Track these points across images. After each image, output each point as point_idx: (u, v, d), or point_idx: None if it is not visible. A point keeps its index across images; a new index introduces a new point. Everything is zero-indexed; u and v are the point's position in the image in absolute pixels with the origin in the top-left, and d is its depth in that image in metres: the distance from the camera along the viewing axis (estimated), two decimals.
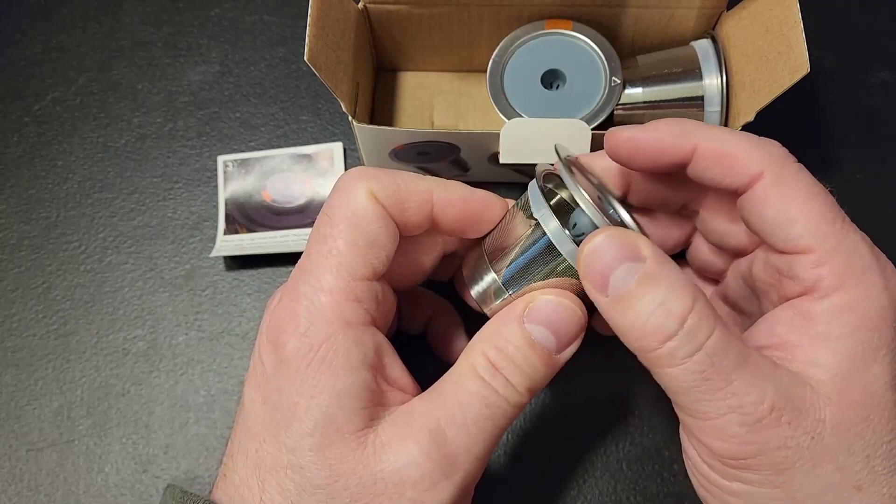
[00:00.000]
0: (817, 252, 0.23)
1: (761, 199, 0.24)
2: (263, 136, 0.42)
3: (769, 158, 0.24)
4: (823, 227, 0.23)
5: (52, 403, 0.36)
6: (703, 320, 0.22)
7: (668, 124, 0.25)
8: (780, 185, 0.24)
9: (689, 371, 0.22)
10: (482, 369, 0.25)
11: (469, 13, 0.38)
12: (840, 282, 0.23)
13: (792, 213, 0.24)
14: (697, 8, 0.37)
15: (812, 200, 0.24)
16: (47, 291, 0.39)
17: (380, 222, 0.25)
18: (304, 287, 0.25)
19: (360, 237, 0.25)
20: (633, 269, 0.22)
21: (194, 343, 0.37)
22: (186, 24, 0.45)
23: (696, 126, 0.25)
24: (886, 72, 0.43)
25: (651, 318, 0.22)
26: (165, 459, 0.35)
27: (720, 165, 0.25)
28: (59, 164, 0.42)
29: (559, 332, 0.25)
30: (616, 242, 0.23)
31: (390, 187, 0.25)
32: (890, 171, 0.41)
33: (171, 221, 0.40)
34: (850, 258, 0.23)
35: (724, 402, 0.22)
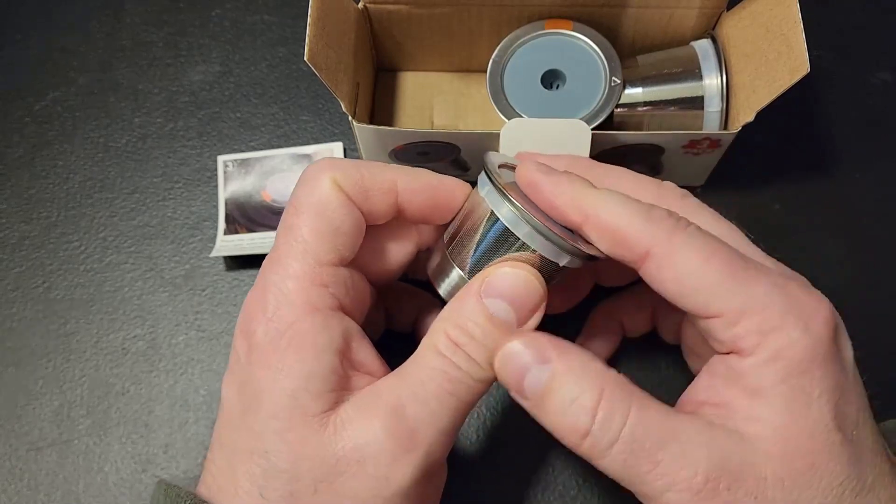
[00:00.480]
0: (726, 314, 0.23)
1: (657, 276, 0.24)
2: (264, 136, 0.42)
3: (655, 234, 0.24)
4: (724, 288, 0.23)
5: (51, 403, 0.36)
6: (614, 408, 0.23)
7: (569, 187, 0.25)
8: (671, 259, 0.23)
9: (615, 461, 0.23)
10: (443, 347, 0.25)
11: (469, 13, 0.38)
12: (759, 337, 0.23)
13: (690, 284, 0.23)
14: (697, 8, 0.37)
15: (706, 264, 0.23)
16: (47, 291, 0.39)
17: (343, 210, 0.26)
18: (272, 276, 0.25)
19: (323, 224, 0.25)
20: (542, 371, 0.24)
21: (194, 343, 0.37)
22: (187, 24, 0.45)
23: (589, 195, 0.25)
24: (886, 72, 0.43)
25: (567, 416, 0.23)
26: (165, 459, 0.35)
27: (608, 242, 0.24)
28: (59, 163, 0.42)
29: (517, 304, 0.25)
30: (523, 348, 0.24)
31: (353, 176, 0.26)
32: (890, 171, 0.41)
33: (171, 221, 0.40)
34: (763, 310, 0.23)
35: (658, 482, 0.22)
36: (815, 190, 0.40)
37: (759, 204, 0.40)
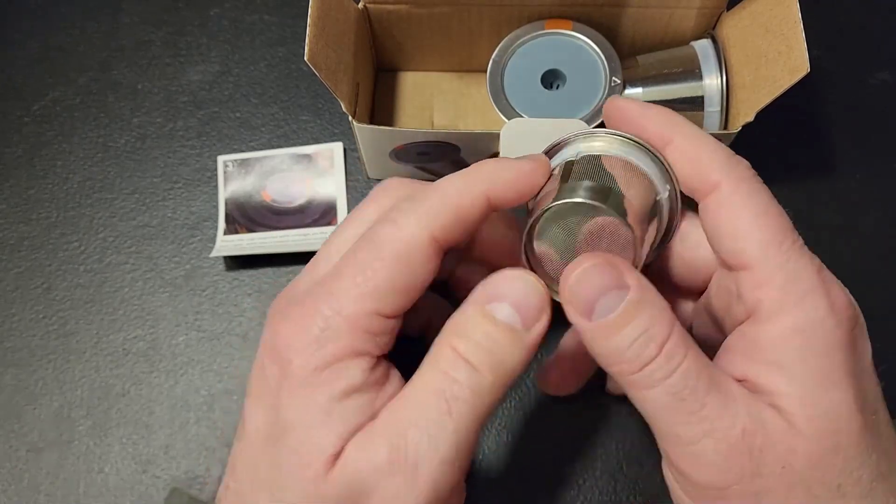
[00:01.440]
0: (757, 269, 0.23)
1: (714, 208, 0.24)
2: (263, 136, 0.42)
3: (731, 172, 0.24)
4: (767, 245, 0.23)
5: (52, 403, 0.36)
6: (679, 345, 0.23)
7: (660, 112, 0.26)
8: (735, 198, 0.24)
9: (665, 392, 0.22)
10: (444, 361, 0.24)
11: (469, 13, 0.38)
12: (781, 304, 0.23)
13: (740, 226, 0.24)
14: (697, 8, 0.37)
15: (762, 218, 0.24)
16: (47, 291, 0.39)
17: (429, 265, 0.24)
18: (324, 308, 0.23)
19: (403, 280, 0.24)
20: (617, 298, 0.23)
21: (194, 343, 0.37)
22: (186, 23, 0.45)
23: (682, 123, 0.26)
24: (886, 72, 0.43)
25: (633, 346, 0.23)
26: (165, 459, 0.35)
27: (687, 165, 0.25)
28: (58, 164, 0.42)
29: (521, 307, 0.24)
30: (602, 271, 0.23)
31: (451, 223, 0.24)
32: (890, 171, 0.41)
33: (171, 221, 0.40)
34: (792, 280, 0.23)
35: (698, 426, 0.22)
36: (815, 190, 0.40)
37: None
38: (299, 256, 0.38)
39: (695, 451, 0.23)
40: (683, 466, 0.23)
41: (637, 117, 0.26)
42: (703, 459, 0.23)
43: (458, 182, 0.25)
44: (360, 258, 0.24)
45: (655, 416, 0.23)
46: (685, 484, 0.24)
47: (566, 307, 0.24)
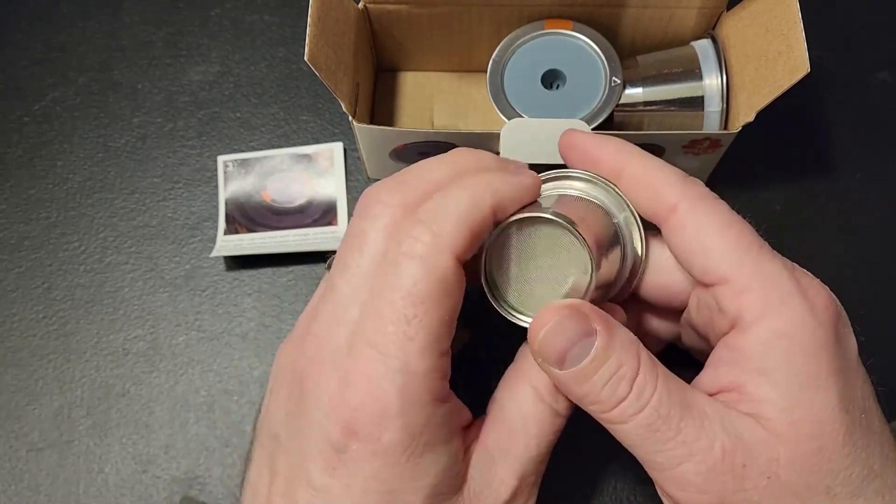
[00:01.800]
0: (734, 280, 0.24)
1: (677, 229, 0.25)
2: (263, 136, 0.42)
3: (686, 192, 0.25)
4: (738, 255, 0.24)
5: (52, 403, 0.36)
6: (648, 378, 0.23)
7: (611, 144, 0.27)
8: (694, 217, 0.25)
9: (639, 426, 0.23)
10: (546, 392, 0.25)
11: (469, 13, 0.38)
12: (763, 310, 0.23)
13: (706, 243, 0.24)
14: (697, 8, 0.37)
15: (726, 230, 0.24)
16: (47, 291, 0.39)
17: (462, 286, 0.24)
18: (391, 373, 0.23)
19: (447, 312, 0.23)
20: (587, 345, 0.23)
21: (194, 343, 0.37)
22: (187, 23, 0.45)
23: (632, 152, 0.27)
24: (886, 72, 0.43)
25: (606, 388, 0.23)
26: (165, 459, 0.35)
27: (642, 192, 0.26)
28: (59, 164, 0.42)
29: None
30: (570, 321, 0.24)
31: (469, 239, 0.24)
32: (890, 171, 0.41)
33: (171, 221, 0.40)
34: (769, 285, 0.23)
35: (675, 451, 0.23)
36: (816, 190, 0.40)
37: (760, 204, 0.40)
38: (300, 256, 0.39)
39: (676, 475, 0.23)
40: (669, 490, 0.24)
41: (590, 150, 0.27)
42: (685, 483, 0.23)
43: (465, 200, 0.24)
44: (398, 310, 0.23)
45: (634, 447, 0.24)
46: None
47: (536, 358, 0.25)
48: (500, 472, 0.25)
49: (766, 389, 0.23)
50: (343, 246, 0.25)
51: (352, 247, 0.25)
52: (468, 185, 0.24)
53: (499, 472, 0.25)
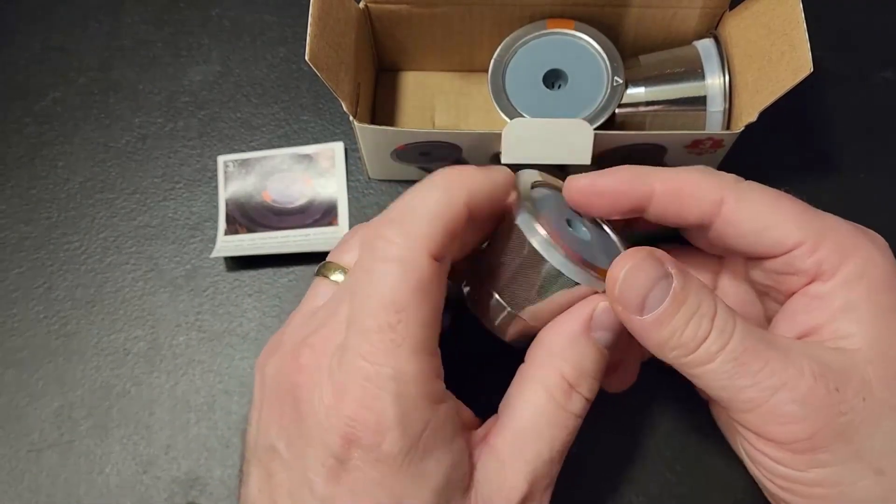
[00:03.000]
0: (808, 242, 0.24)
1: (734, 219, 0.25)
2: (264, 136, 0.42)
3: (723, 184, 0.25)
4: (801, 220, 0.24)
5: (52, 404, 0.36)
6: (727, 316, 0.23)
7: (625, 169, 0.26)
8: (745, 201, 0.25)
9: (725, 362, 0.23)
10: (559, 392, 0.25)
11: (470, 13, 0.38)
12: (840, 257, 0.24)
13: (768, 221, 0.25)
14: (700, 7, 0.37)
15: (778, 202, 0.25)
16: (48, 291, 0.39)
17: (443, 286, 0.24)
18: (384, 381, 0.23)
19: (429, 311, 0.23)
20: (664, 288, 0.23)
21: (195, 343, 0.37)
22: (187, 23, 0.45)
23: (651, 170, 0.26)
24: (890, 71, 0.43)
25: (688, 328, 0.23)
26: (166, 460, 0.35)
27: (681, 202, 0.26)
28: (59, 164, 0.42)
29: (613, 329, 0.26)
30: (649, 266, 0.24)
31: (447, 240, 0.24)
32: (891, 171, 0.40)
33: (171, 222, 0.40)
34: (839, 236, 0.24)
35: (767, 382, 0.23)
36: (819, 190, 0.40)
37: None
38: (300, 257, 0.38)
39: (771, 408, 0.23)
40: (765, 430, 0.23)
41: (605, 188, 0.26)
42: (782, 414, 0.23)
43: (436, 196, 0.24)
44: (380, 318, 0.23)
45: (721, 388, 0.23)
46: (769, 450, 0.24)
47: (615, 307, 0.25)
48: (511, 476, 0.25)
49: (849, 324, 0.23)
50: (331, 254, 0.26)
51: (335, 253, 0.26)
52: (439, 182, 0.25)
53: (509, 476, 0.24)
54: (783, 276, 0.25)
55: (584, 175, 0.26)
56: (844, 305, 0.23)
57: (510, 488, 0.24)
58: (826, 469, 0.23)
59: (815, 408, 0.22)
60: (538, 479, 0.25)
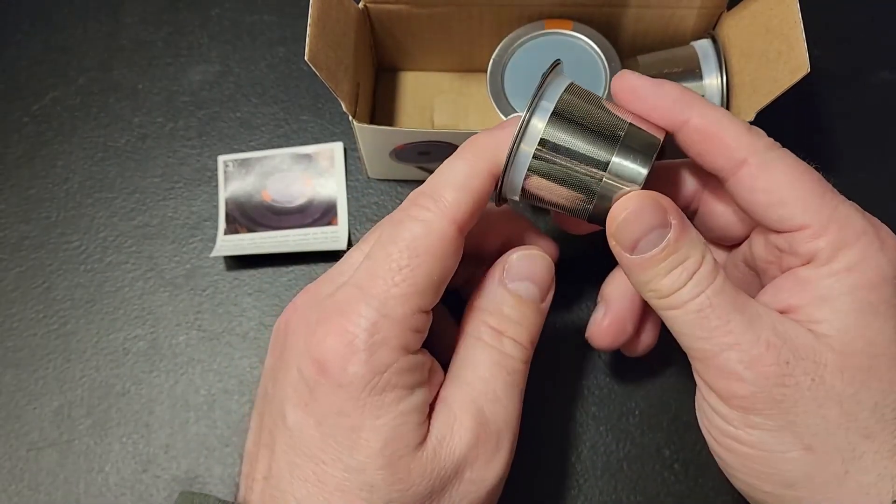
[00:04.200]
0: (812, 227, 0.24)
1: (749, 184, 0.25)
2: (264, 136, 0.42)
3: (754, 145, 0.25)
4: (814, 203, 0.24)
5: (52, 403, 0.36)
6: (708, 274, 0.24)
7: (672, 89, 0.26)
8: (766, 170, 0.25)
9: (691, 311, 0.24)
10: (488, 338, 0.26)
11: (469, 13, 0.38)
12: (837, 249, 0.24)
13: (781, 195, 0.25)
14: (697, 8, 0.37)
15: (799, 179, 0.25)
16: (48, 291, 0.39)
17: (458, 253, 0.25)
18: (366, 311, 0.24)
19: (437, 273, 0.25)
20: (660, 236, 0.24)
21: (195, 343, 0.37)
22: (187, 23, 0.45)
23: (695, 100, 0.26)
24: (887, 71, 0.43)
25: (669, 276, 0.24)
26: (166, 459, 0.35)
27: (706, 144, 0.25)
28: (59, 163, 0.42)
29: (538, 281, 0.27)
30: (650, 212, 0.25)
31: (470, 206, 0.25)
32: (891, 170, 0.41)
33: (171, 221, 0.40)
34: (845, 226, 0.24)
35: (722, 339, 0.24)
36: None
37: None
38: (300, 256, 0.39)
39: (719, 363, 0.24)
40: (711, 381, 0.24)
41: (650, 96, 0.26)
42: (727, 371, 0.24)
43: (464, 168, 0.26)
44: (393, 258, 0.24)
45: (682, 334, 0.25)
46: (715, 402, 0.25)
47: (610, 240, 0.26)
48: (459, 416, 0.25)
49: (826, 312, 0.24)
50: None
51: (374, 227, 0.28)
52: (464, 157, 0.26)
53: (457, 417, 0.25)
54: (782, 254, 0.26)
55: (635, 76, 0.26)
56: (826, 294, 0.24)
57: (459, 427, 0.25)
58: (758, 431, 0.24)
59: (759, 373, 0.23)
60: (486, 419, 0.25)
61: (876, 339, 0.23)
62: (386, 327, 0.24)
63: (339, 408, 0.24)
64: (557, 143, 0.25)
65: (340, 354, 0.24)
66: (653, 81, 0.26)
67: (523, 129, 0.25)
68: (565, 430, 0.35)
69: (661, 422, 0.35)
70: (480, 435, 0.25)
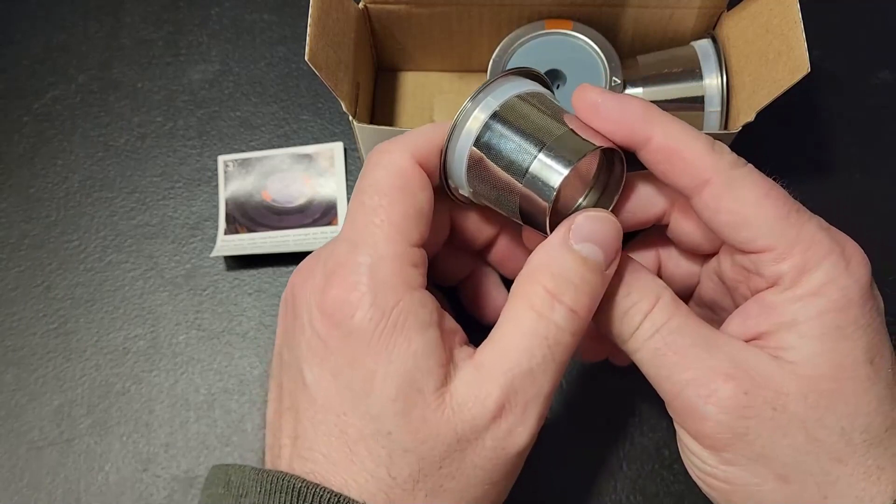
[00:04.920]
0: (776, 249, 0.24)
1: (713, 205, 0.25)
2: (264, 136, 0.42)
3: (717, 164, 0.25)
4: (778, 224, 0.24)
5: (52, 402, 0.36)
6: (662, 312, 0.25)
7: (634, 105, 0.26)
8: (730, 189, 0.24)
9: (650, 350, 0.24)
10: (541, 303, 0.25)
11: (469, 13, 0.38)
12: (801, 272, 0.24)
13: (745, 216, 0.24)
14: (697, 8, 0.37)
15: (763, 200, 0.24)
16: (48, 290, 0.39)
17: (426, 188, 0.26)
18: (362, 257, 0.24)
19: (410, 206, 0.25)
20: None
21: (194, 342, 0.37)
22: (187, 22, 0.45)
23: (658, 116, 0.25)
24: (887, 71, 0.43)
25: (625, 319, 0.25)
26: (166, 458, 0.35)
27: (669, 164, 0.25)
28: (59, 163, 0.42)
29: (605, 245, 0.25)
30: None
31: (427, 147, 0.26)
32: (890, 170, 0.41)
33: (171, 221, 0.40)
34: (810, 248, 0.24)
35: (680, 376, 0.24)
36: (816, 190, 0.40)
37: None
38: (300, 256, 0.38)
39: (682, 401, 0.24)
40: (678, 418, 0.25)
41: (611, 111, 0.26)
42: (690, 408, 0.24)
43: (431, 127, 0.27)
44: (367, 204, 0.25)
45: (649, 374, 0.25)
46: (689, 442, 0.25)
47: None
48: (487, 384, 0.24)
49: (793, 338, 0.23)
50: None
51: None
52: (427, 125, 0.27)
53: (485, 384, 0.24)
54: (748, 274, 0.26)
55: (596, 91, 0.26)
56: (791, 320, 0.24)
57: (485, 395, 0.24)
58: (731, 468, 0.24)
59: (718, 407, 0.23)
60: (515, 391, 0.24)
61: (843, 363, 0.23)
62: (383, 268, 0.24)
63: (353, 356, 0.24)
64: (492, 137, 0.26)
65: (347, 302, 0.24)
66: (614, 96, 0.26)
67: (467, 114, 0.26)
68: (565, 431, 0.35)
69: (661, 422, 0.35)
70: (508, 407, 0.24)
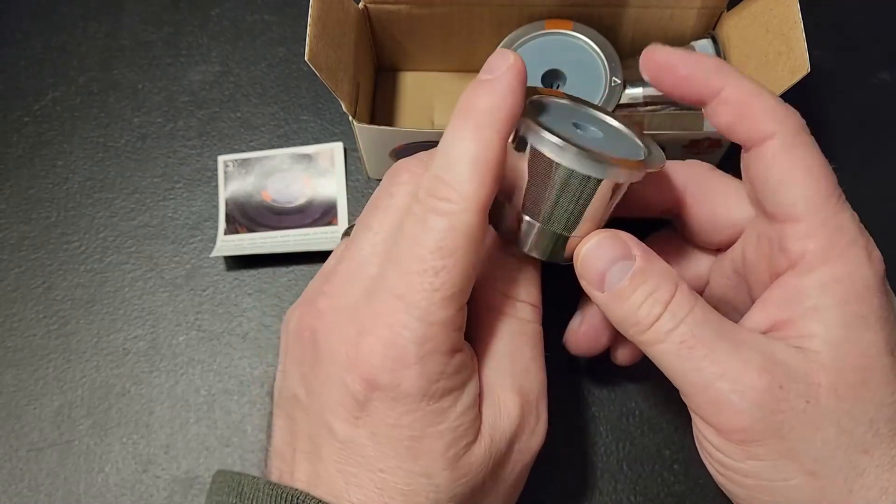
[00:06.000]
0: (805, 222, 0.24)
1: (769, 158, 0.25)
2: (264, 136, 0.42)
3: (786, 122, 0.25)
4: (817, 200, 0.24)
5: (52, 403, 0.36)
6: (683, 303, 0.24)
7: (707, 59, 0.26)
8: (789, 150, 0.24)
9: (674, 343, 0.24)
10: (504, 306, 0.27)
11: (469, 13, 0.38)
12: (825, 256, 0.24)
13: (792, 180, 0.24)
14: (697, 8, 0.37)
15: (814, 172, 0.24)
16: (48, 291, 0.39)
17: (486, 235, 0.25)
18: (410, 320, 0.23)
19: (473, 264, 0.24)
20: (625, 268, 0.25)
21: (195, 343, 0.37)
22: (187, 23, 0.45)
23: (731, 70, 0.26)
24: (887, 72, 0.43)
25: (643, 307, 0.24)
26: (166, 459, 0.35)
27: (738, 113, 0.25)
28: (59, 163, 0.42)
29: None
30: (609, 245, 0.25)
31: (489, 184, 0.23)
32: (890, 171, 0.41)
33: (171, 221, 0.40)
34: (837, 233, 0.24)
35: (710, 370, 0.23)
36: None
37: None
38: (300, 256, 0.39)
39: (711, 395, 0.23)
40: (706, 415, 0.24)
41: (681, 67, 0.26)
42: (721, 402, 0.23)
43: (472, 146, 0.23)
44: (427, 262, 0.23)
45: (670, 368, 0.24)
46: (710, 434, 0.24)
47: (581, 281, 0.26)
48: (502, 396, 0.26)
49: (816, 326, 0.23)
50: (367, 208, 0.27)
51: (377, 208, 0.26)
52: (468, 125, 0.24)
53: (500, 397, 0.26)
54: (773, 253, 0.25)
55: (666, 49, 0.26)
56: (815, 306, 0.23)
57: (506, 404, 0.26)
58: (759, 462, 0.23)
59: (753, 401, 0.23)
60: (526, 391, 0.26)
61: (867, 352, 0.23)
62: (433, 335, 0.23)
63: (395, 420, 0.23)
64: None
65: (391, 370, 0.23)
66: (686, 53, 0.26)
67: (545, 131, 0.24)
68: (565, 431, 0.35)
69: (661, 422, 0.35)
70: (524, 407, 0.26)
